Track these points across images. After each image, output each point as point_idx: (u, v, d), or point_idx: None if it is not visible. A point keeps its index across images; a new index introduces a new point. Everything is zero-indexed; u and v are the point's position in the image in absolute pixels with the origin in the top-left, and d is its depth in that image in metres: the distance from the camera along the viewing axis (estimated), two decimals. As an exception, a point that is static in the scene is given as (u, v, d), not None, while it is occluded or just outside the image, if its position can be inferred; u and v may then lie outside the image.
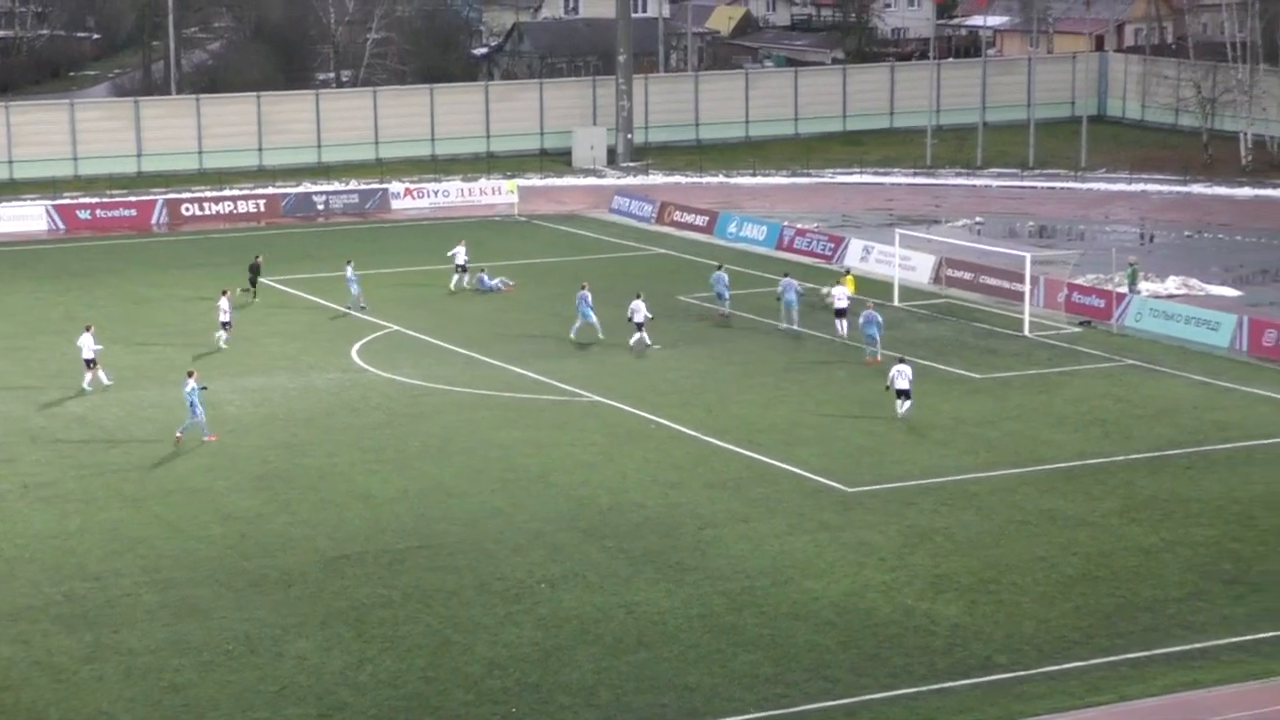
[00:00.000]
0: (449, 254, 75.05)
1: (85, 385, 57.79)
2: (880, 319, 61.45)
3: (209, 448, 51.35)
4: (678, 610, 38.96)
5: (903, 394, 53.58)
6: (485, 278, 73.37)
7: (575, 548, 42.87)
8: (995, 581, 40.56)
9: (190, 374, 52.21)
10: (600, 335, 63.94)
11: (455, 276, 74.20)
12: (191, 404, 51.35)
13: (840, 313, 64.85)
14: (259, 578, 41.06)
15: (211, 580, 40.96)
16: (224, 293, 65.32)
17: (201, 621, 38.52)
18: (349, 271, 70.37)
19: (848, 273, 70.44)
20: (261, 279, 72.82)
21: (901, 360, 54.80)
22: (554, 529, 44.21)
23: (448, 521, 44.91)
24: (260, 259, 73.32)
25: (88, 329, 59.28)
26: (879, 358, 59.92)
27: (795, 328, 65.38)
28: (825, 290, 68.70)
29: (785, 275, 68.42)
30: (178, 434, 51.78)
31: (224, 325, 63.99)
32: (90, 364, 58.20)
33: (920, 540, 43.30)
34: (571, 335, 64.23)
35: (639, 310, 63.35)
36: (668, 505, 46.04)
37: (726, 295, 68.00)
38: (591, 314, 63.88)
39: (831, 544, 43.05)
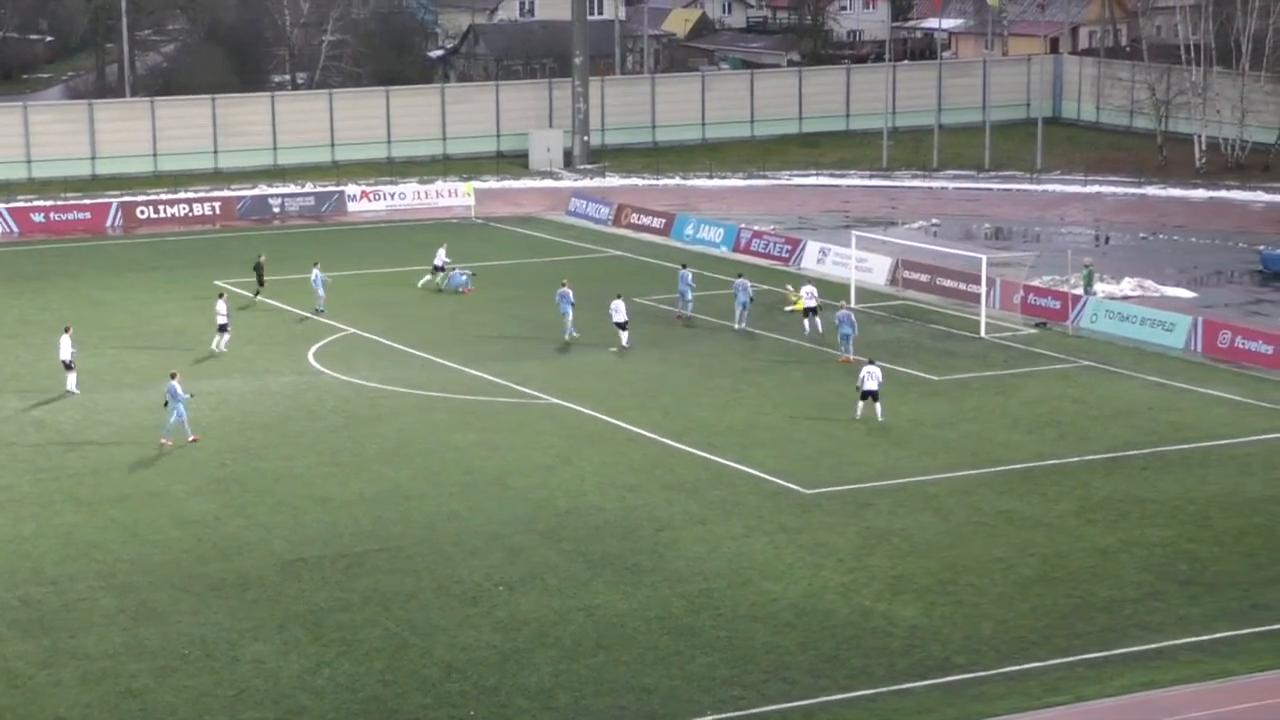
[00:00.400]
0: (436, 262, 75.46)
1: (71, 388, 57.76)
2: (854, 319, 61.64)
3: (165, 451, 51.11)
4: (636, 613, 38.97)
5: (870, 395, 53.67)
6: (457, 275, 73.13)
7: (533, 550, 42.84)
8: (953, 583, 40.67)
9: (173, 375, 51.96)
10: (574, 334, 63.95)
11: (427, 276, 74.19)
12: (168, 404, 51.26)
13: (810, 311, 64.91)
14: (216, 582, 40.93)
15: (168, 584, 40.80)
16: (220, 295, 64.63)
17: (158, 626, 38.36)
18: (315, 273, 69.94)
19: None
20: (220, 282, 72.51)
21: (871, 362, 54.98)
22: (512, 532, 44.18)
23: (405, 524, 44.83)
24: (263, 258, 72.79)
25: (67, 330, 59.12)
26: (851, 357, 60.03)
27: (747, 328, 65.36)
28: (788, 287, 68.85)
29: (739, 276, 68.54)
30: (163, 439, 51.60)
31: (221, 329, 63.35)
32: (68, 366, 58.07)
33: (878, 541, 43.39)
34: (565, 336, 64.00)
35: (619, 310, 63.48)
36: (626, 508, 46.05)
37: (689, 295, 68.06)
38: (570, 311, 63.93)
39: (789, 546, 43.11)
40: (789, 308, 67.47)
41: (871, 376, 53.72)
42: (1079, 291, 70.26)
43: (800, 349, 63.40)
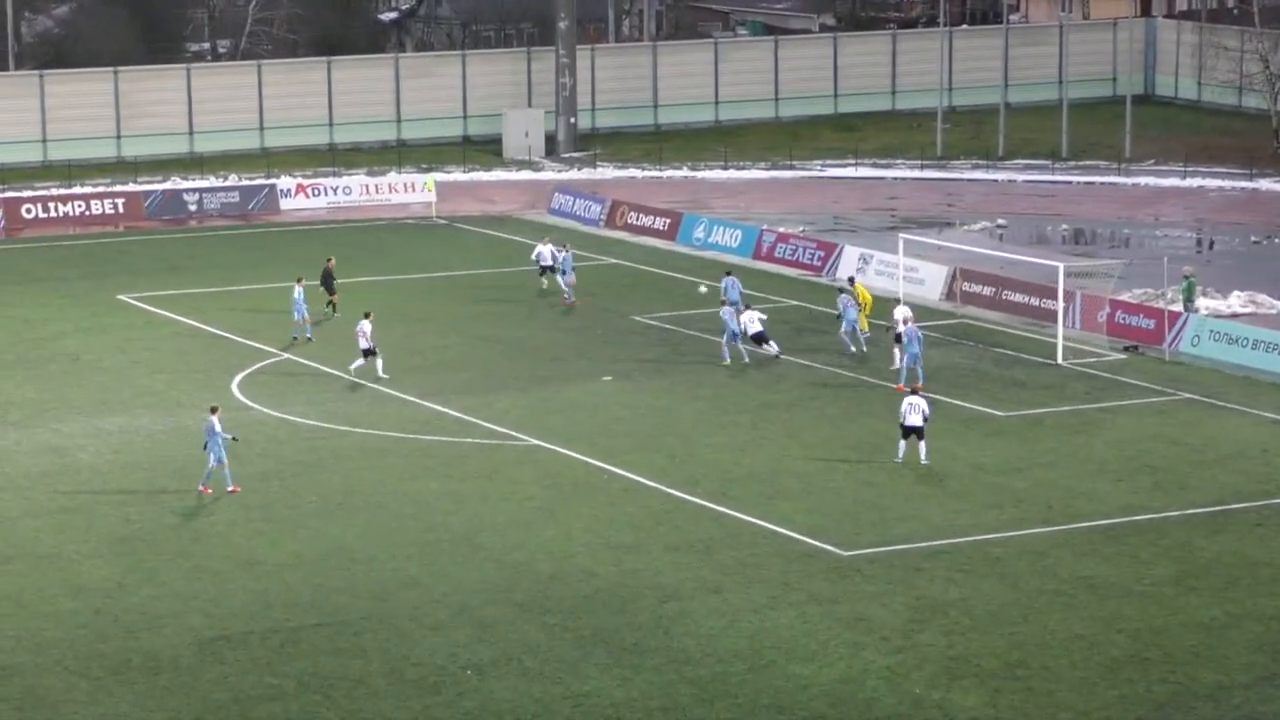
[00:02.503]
0: (532, 256, 76.58)
1: None
2: (920, 335, 62.16)
3: (58, 504, 51.25)
4: (635, 702, 39.05)
5: (913, 431, 53.78)
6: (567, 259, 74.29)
7: (509, 625, 42.93)
8: (1023, 665, 40.74)
9: (213, 410, 52.08)
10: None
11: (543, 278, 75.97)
12: (208, 446, 51.39)
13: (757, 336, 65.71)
14: (119, 663, 41.01)
15: (60, 667, 40.87)
16: (366, 315, 64.19)
17: (49, 717, 38.42)
18: (297, 292, 69.45)
19: (851, 282, 70.86)
20: (136, 293, 72.69)
21: (912, 391, 55.11)
22: (482, 603, 44.27)
23: (352, 594, 44.92)
24: (332, 262, 72.91)
25: None
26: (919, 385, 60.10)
27: (736, 333, 65.11)
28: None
29: (728, 274, 69.65)
30: (201, 486, 51.77)
31: (366, 354, 63.42)
32: None
33: (931, 615, 43.47)
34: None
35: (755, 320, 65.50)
36: (622, 573, 46.15)
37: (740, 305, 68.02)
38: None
39: (823, 620, 43.20)
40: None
41: (914, 409, 53.84)
42: (1178, 308, 70.41)
43: (837, 377, 63.54)
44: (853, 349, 66.15)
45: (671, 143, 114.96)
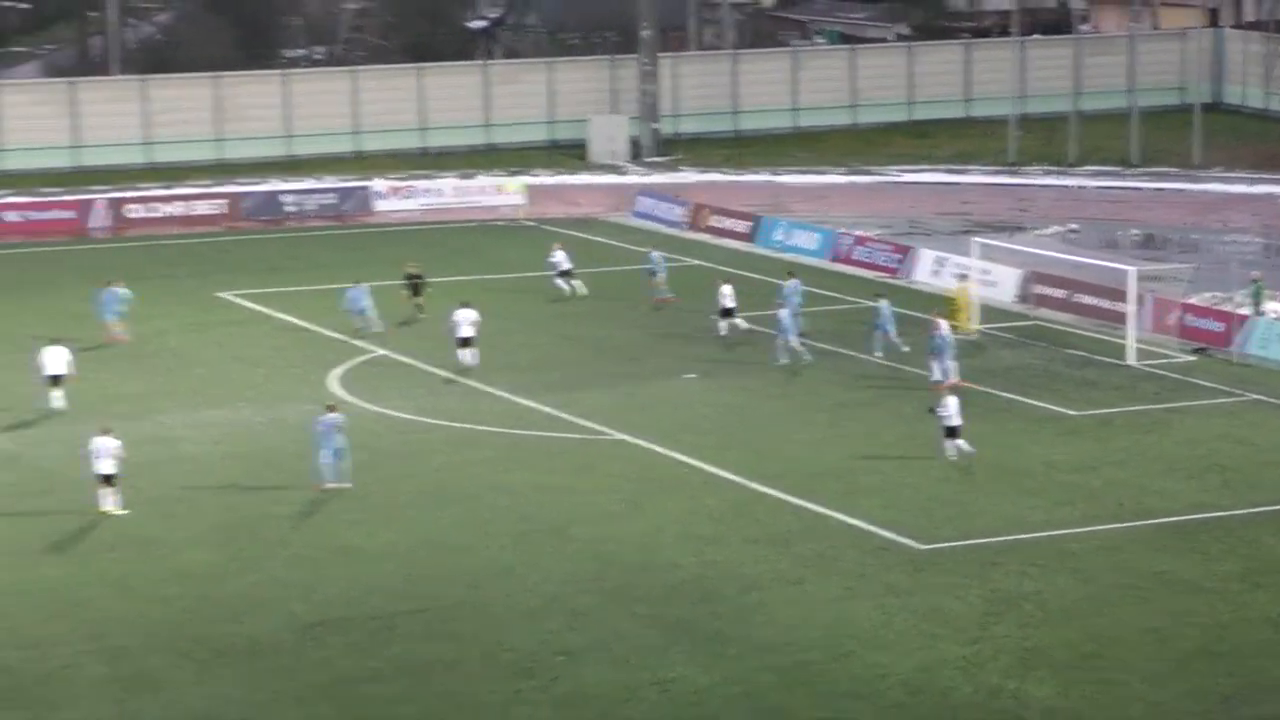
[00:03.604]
0: (550, 260, 76.52)
1: (58, 404, 59.20)
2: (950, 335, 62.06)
3: (162, 493, 51.65)
4: (718, 689, 39.15)
5: (954, 431, 53.83)
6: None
7: (598, 614, 43.10)
8: (1096, 657, 40.70)
9: (331, 408, 52.26)
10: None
11: (560, 281, 75.98)
12: (319, 444, 51.48)
13: (726, 312, 67.79)
14: (223, 646, 41.33)
15: (167, 649, 41.22)
16: (464, 304, 65.27)
17: (155, 697, 38.77)
18: (352, 292, 70.15)
19: (962, 278, 71.11)
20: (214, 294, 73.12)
21: (952, 390, 55.23)
22: (573, 591, 44.44)
23: (446, 581, 45.16)
24: (412, 266, 73.10)
25: (54, 342, 60.26)
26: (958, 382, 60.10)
27: (793, 342, 65.19)
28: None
29: (790, 275, 70.23)
30: (329, 483, 51.88)
31: (463, 342, 64.31)
32: (56, 380, 59.36)
33: (1006, 608, 43.45)
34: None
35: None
36: (705, 564, 46.27)
37: (799, 308, 68.22)
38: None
39: (900, 611, 43.22)
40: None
41: (956, 409, 53.94)
42: (1246, 311, 70.07)
43: (915, 377, 63.42)
44: (877, 354, 65.85)
45: (751, 148, 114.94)
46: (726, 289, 69.01)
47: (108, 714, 38.08)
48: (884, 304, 66.73)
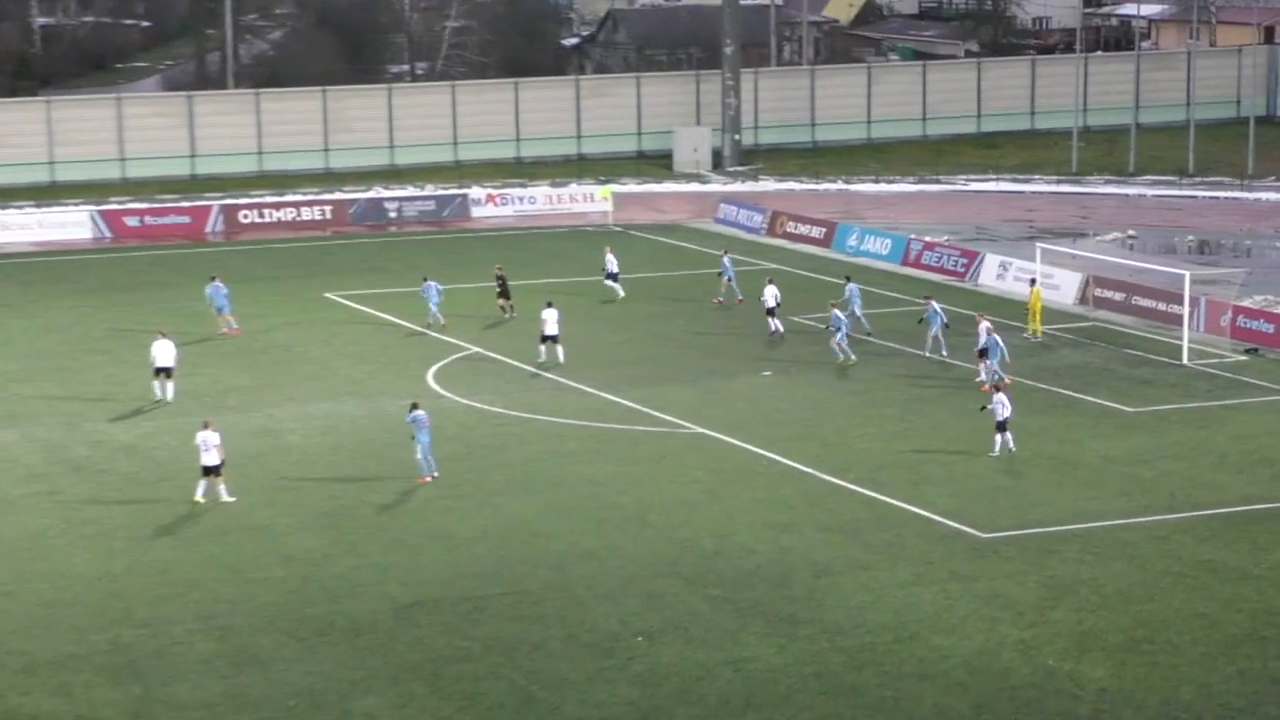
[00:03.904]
0: (604, 267, 76.76)
1: (166, 396, 59.95)
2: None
3: (270, 482, 51.89)
4: (790, 668, 39.06)
5: (1002, 426, 53.55)
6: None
7: (675, 596, 43.05)
8: (1148, 641, 40.42)
9: (414, 405, 52.31)
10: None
11: (611, 284, 76.02)
12: (421, 438, 51.40)
13: (770, 311, 68.11)
14: (324, 626, 41.48)
15: (272, 628, 41.39)
16: (549, 304, 65.79)
17: (261, 673, 38.93)
18: (429, 285, 70.78)
19: (1034, 282, 70.83)
20: (330, 293, 73.39)
21: (997, 389, 54.94)
22: (651, 575, 44.42)
23: (533, 565, 45.21)
24: (500, 269, 73.11)
25: (163, 335, 60.75)
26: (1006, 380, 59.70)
27: (844, 348, 65.00)
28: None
29: (847, 279, 70.54)
30: (430, 476, 51.78)
31: (546, 339, 64.75)
32: (164, 373, 59.90)
33: (1063, 593, 43.20)
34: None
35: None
36: (779, 550, 46.17)
37: (858, 312, 68.12)
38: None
39: (963, 596, 43.03)
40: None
41: (1004, 405, 53.68)
42: (1296, 313, 69.55)
43: (979, 375, 63.18)
44: (927, 353, 65.51)
45: (827, 158, 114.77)
46: (770, 289, 69.02)
47: (216, 689, 38.23)
48: (934, 303, 66.42)
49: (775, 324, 68.48)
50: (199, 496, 49.76)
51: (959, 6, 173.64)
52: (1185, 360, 65.52)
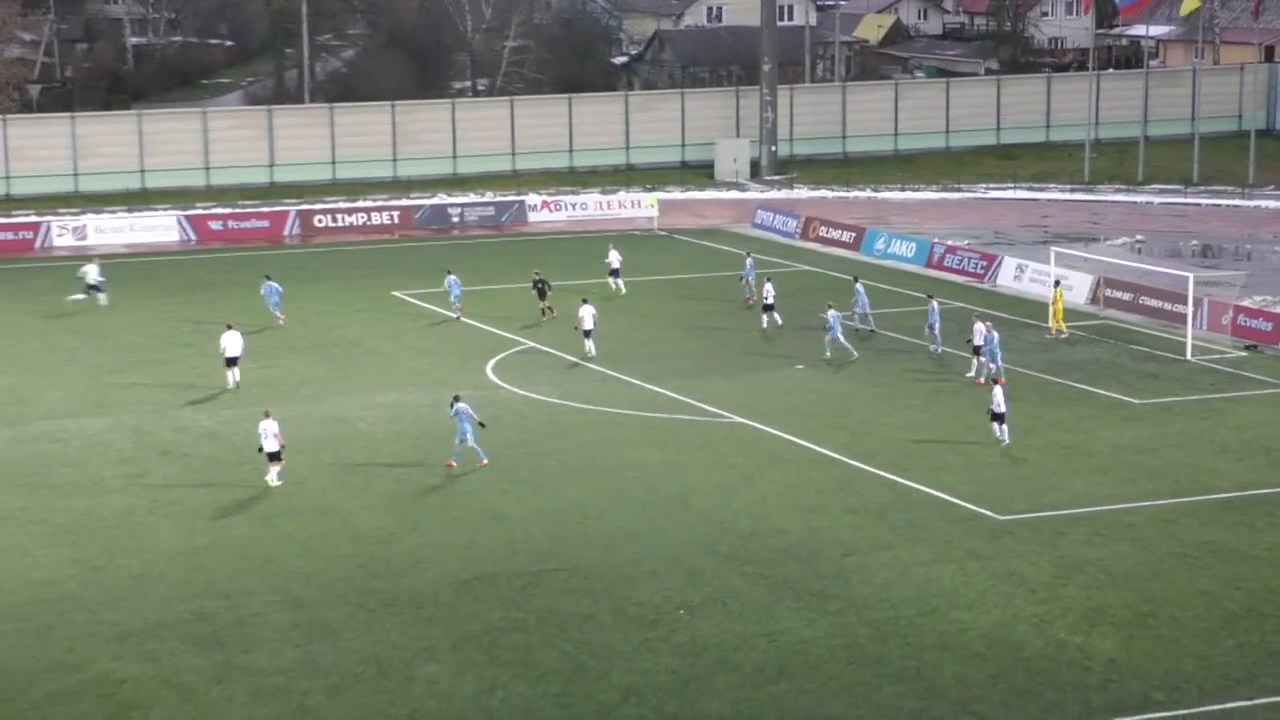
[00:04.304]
0: (606, 261, 77.01)
1: (233, 383, 60.49)
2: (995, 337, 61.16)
3: (340, 466, 51.97)
4: (820, 640, 38.98)
5: (999, 418, 53.29)
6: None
7: (715, 573, 42.99)
8: (1153, 616, 40.22)
9: (456, 398, 52.16)
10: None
11: (613, 280, 76.26)
12: (463, 428, 51.19)
13: (767, 308, 68.18)
14: (390, 599, 41.52)
15: (342, 601, 41.46)
16: (584, 300, 66.13)
17: (331, 642, 39.00)
18: (450, 279, 71.99)
19: (1057, 284, 70.55)
20: (393, 294, 73.51)
21: (995, 383, 54.70)
22: (693, 553, 44.36)
23: (583, 544, 45.18)
24: (538, 273, 72.87)
25: (230, 327, 60.97)
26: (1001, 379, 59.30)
27: (843, 343, 64.73)
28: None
29: (856, 279, 70.23)
30: (481, 459, 51.64)
31: (586, 334, 64.95)
32: (232, 362, 60.25)
33: (1074, 571, 43.02)
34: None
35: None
36: (810, 530, 46.06)
37: (867, 309, 67.95)
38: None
39: (980, 573, 42.87)
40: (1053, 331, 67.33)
41: (1001, 400, 53.38)
42: (1292, 312, 69.08)
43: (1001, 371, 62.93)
44: (932, 348, 65.09)
45: (857, 168, 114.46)
46: (768, 287, 69.06)
47: (290, 657, 38.31)
48: (934, 302, 65.94)
49: (771, 319, 68.75)
50: (273, 481, 49.80)
51: (980, 28, 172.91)
52: (1189, 356, 65.15)
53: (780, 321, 68.92)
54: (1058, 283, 71.06)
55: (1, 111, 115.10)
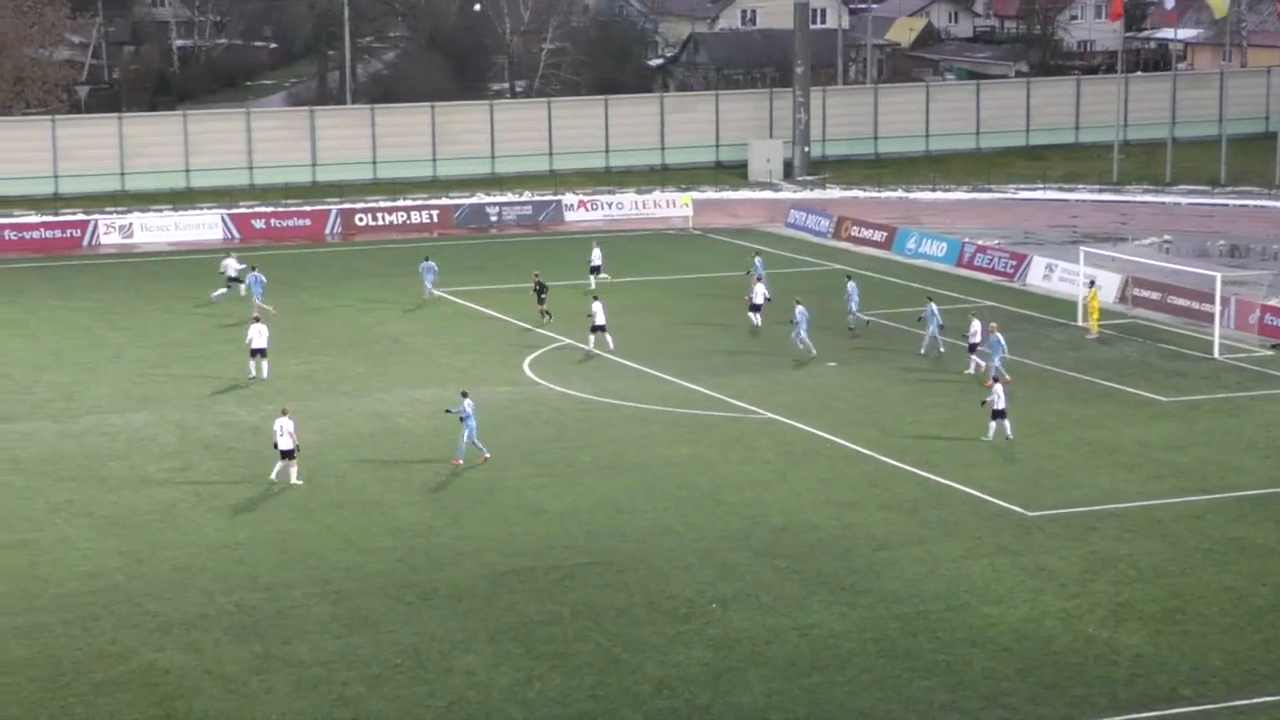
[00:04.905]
0: (591, 260, 77.92)
1: (258, 374, 60.96)
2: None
3: (381, 460, 51.97)
4: (851, 634, 38.85)
5: (999, 415, 53.02)
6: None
7: (747, 567, 42.88)
8: (1180, 611, 40.01)
9: (464, 394, 52.23)
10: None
11: (593, 277, 77.01)
12: (470, 425, 51.13)
13: (756, 308, 68.16)
14: (429, 591, 41.50)
15: (381, 593, 41.45)
16: (595, 298, 67.06)
17: (371, 634, 38.99)
18: (426, 264, 75.00)
19: (1092, 283, 70.31)
20: (430, 288, 73.52)
21: (996, 381, 54.47)
22: (725, 548, 44.25)
23: (618, 538, 45.10)
24: (538, 275, 72.70)
25: (256, 319, 61.57)
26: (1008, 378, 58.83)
27: (805, 341, 64.56)
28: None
29: (849, 278, 70.19)
30: (484, 455, 51.59)
31: (596, 329, 65.10)
32: (258, 354, 60.70)
33: (1102, 567, 42.81)
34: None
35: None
36: (842, 526, 45.92)
37: (854, 306, 67.68)
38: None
39: (1010, 569, 42.69)
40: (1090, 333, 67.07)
41: (1000, 397, 53.11)
42: (1318, 312, 68.69)
43: (1025, 368, 62.71)
44: (923, 351, 64.69)
45: (889, 168, 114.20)
46: (759, 288, 69.10)
47: (331, 647, 38.31)
48: (932, 305, 65.37)
49: (757, 319, 68.56)
50: (273, 477, 49.60)
51: (1010, 31, 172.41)
52: (1216, 354, 64.84)
53: (759, 323, 68.41)
54: (1092, 283, 70.73)
55: (51, 112, 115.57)
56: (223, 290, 75.30)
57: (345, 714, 35.16)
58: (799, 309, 64.61)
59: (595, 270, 77.22)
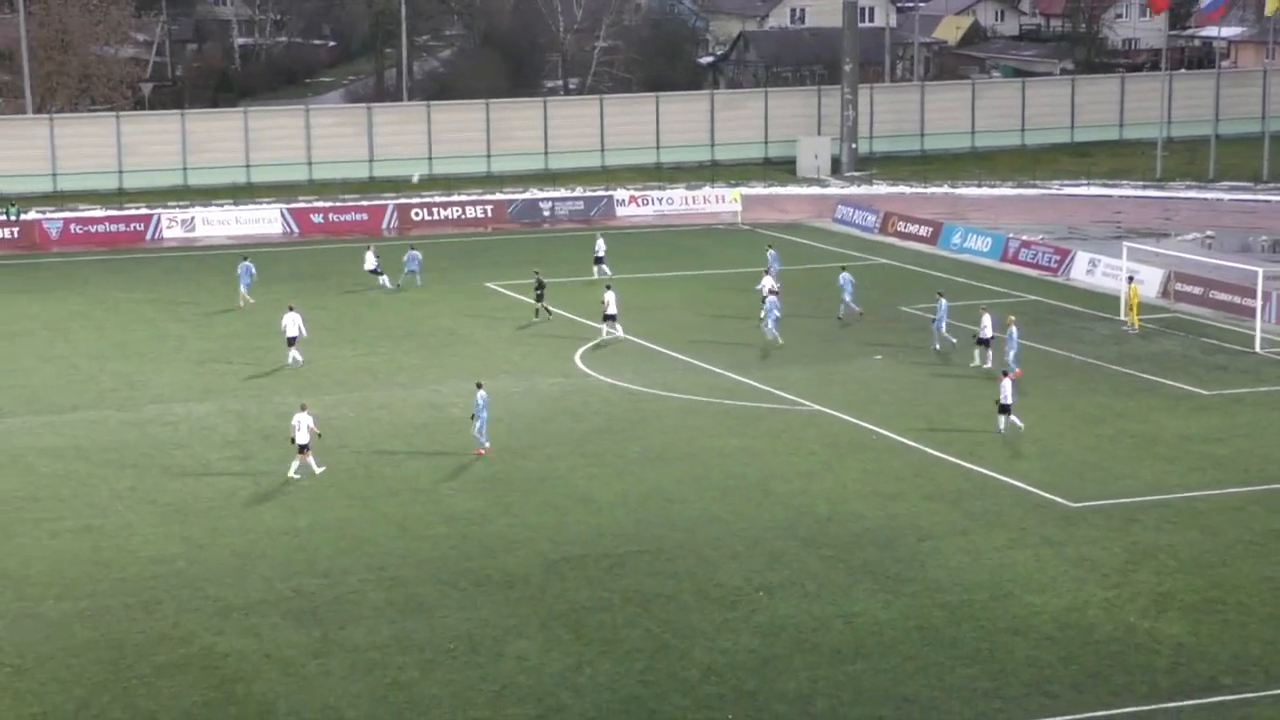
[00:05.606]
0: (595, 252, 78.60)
1: (292, 360, 62.05)
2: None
3: (435, 450, 52.12)
4: (896, 622, 38.82)
5: (1006, 409, 52.83)
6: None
7: (793, 556, 42.88)
8: (1221, 601, 39.85)
9: (479, 385, 52.29)
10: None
11: (597, 267, 77.72)
12: (482, 416, 51.37)
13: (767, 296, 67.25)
14: (482, 578, 41.63)
15: (436, 579, 41.60)
16: (608, 287, 67.46)
17: (425, 620, 39.14)
18: (410, 254, 76.64)
19: (1131, 279, 70.05)
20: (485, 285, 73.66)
21: (1004, 374, 54.25)
22: (772, 537, 44.25)
23: (667, 527, 45.15)
24: (539, 273, 72.59)
25: (291, 309, 62.50)
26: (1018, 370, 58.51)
27: (774, 331, 64.62)
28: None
29: (843, 269, 70.20)
30: (485, 447, 51.62)
31: (608, 318, 65.75)
32: (291, 341, 61.91)
33: (1144, 557, 42.67)
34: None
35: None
36: (887, 516, 45.87)
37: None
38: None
39: (1053, 559, 42.59)
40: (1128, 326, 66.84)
41: (1008, 391, 52.87)
42: (1359, 307, 68.25)
43: (1068, 361, 62.52)
44: (937, 346, 64.37)
45: (935, 164, 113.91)
46: (767, 280, 68.36)
47: (386, 633, 38.48)
48: (943, 301, 65.04)
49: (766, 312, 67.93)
50: (292, 474, 49.50)
51: (1056, 29, 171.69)
52: (1258, 349, 64.50)
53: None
54: (1131, 278, 70.46)
55: (115, 109, 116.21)
56: (383, 278, 76.76)
57: (400, 697, 35.32)
58: (771, 299, 65.30)
59: (599, 260, 77.30)
